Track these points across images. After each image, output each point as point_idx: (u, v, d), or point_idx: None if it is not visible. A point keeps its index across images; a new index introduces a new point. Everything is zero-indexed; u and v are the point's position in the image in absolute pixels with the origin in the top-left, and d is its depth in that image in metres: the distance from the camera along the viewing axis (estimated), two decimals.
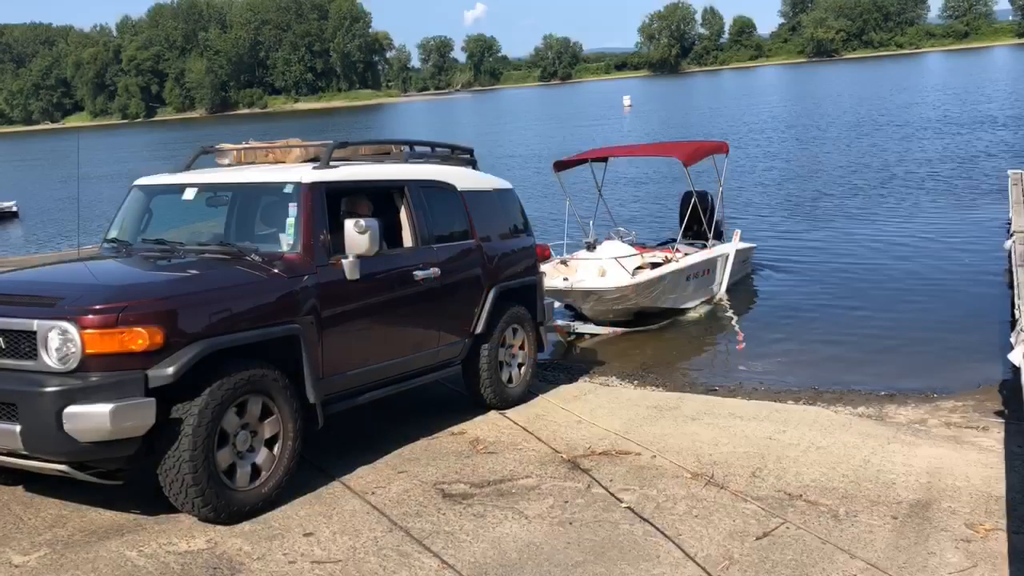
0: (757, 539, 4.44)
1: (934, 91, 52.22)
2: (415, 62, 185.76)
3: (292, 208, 5.46)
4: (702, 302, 11.35)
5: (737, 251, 11.98)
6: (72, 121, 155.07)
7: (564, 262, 10.69)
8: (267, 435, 4.97)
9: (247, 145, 6.48)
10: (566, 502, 4.97)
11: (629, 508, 4.85)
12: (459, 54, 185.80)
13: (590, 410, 6.78)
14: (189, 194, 5.92)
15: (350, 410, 5.77)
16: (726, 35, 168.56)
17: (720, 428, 6.22)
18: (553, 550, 4.41)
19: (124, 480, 4.76)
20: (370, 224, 5.39)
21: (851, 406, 7.09)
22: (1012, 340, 6.75)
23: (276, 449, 4.99)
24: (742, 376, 8.57)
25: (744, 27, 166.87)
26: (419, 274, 6.00)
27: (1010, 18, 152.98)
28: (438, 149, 7.14)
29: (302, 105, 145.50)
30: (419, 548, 4.45)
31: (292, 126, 75.75)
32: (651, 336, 10.41)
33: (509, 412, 6.70)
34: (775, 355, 9.28)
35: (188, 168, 6.49)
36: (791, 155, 27.24)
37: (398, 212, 6.25)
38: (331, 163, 5.87)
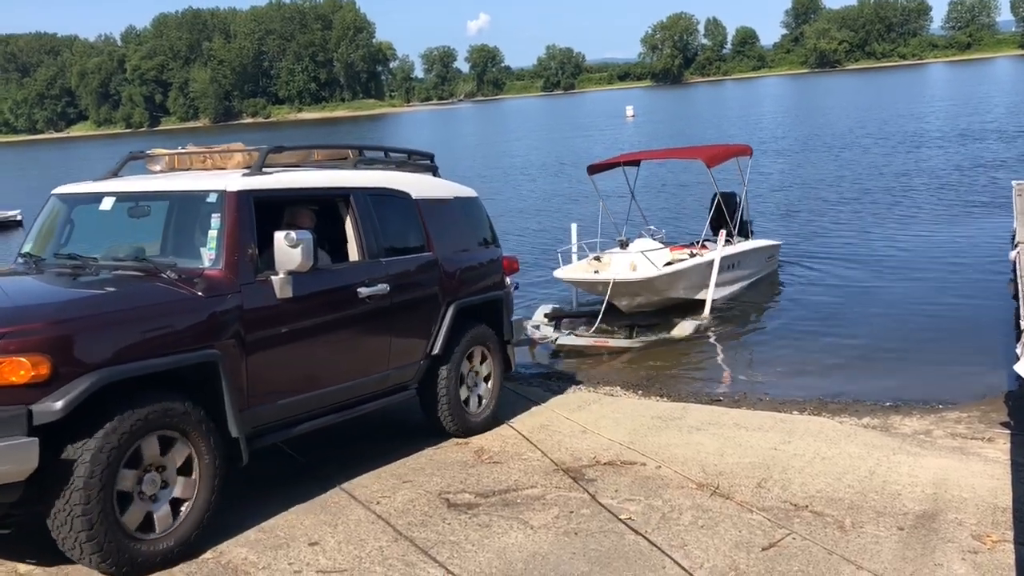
0: (763, 550, 4.43)
1: (935, 103, 52.27)
2: (418, 72, 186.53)
3: (215, 219, 4.94)
4: (729, 294, 12.03)
5: (757, 249, 12.74)
6: (76, 130, 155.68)
7: (597, 258, 11.63)
8: (178, 479, 4.43)
9: (182, 150, 5.95)
10: (571, 512, 4.96)
11: (628, 523, 4.84)
12: (462, 64, 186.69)
13: (594, 420, 6.77)
14: (107, 204, 5.38)
15: (354, 420, 5.76)
16: (729, 46, 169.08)
17: (725, 438, 6.21)
18: (559, 560, 4.40)
19: (12, 529, 4.31)
20: (302, 237, 4.86)
21: (856, 417, 7.09)
22: (1017, 351, 6.74)
23: (190, 493, 4.45)
24: (746, 386, 8.56)
25: (747, 38, 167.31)
26: (364, 291, 5.48)
27: (1013, 29, 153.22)
28: (392, 154, 6.72)
29: (306, 115, 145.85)
30: (424, 558, 4.45)
31: (294, 135, 75.98)
32: (654, 346, 10.39)
33: (514, 422, 6.69)
34: (779, 365, 9.27)
35: (116, 175, 5.87)
36: (792, 164, 27.28)
37: (343, 223, 5.74)
38: (265, 169, 5.36)
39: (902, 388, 8.05)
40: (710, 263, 11.49)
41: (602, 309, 10.94)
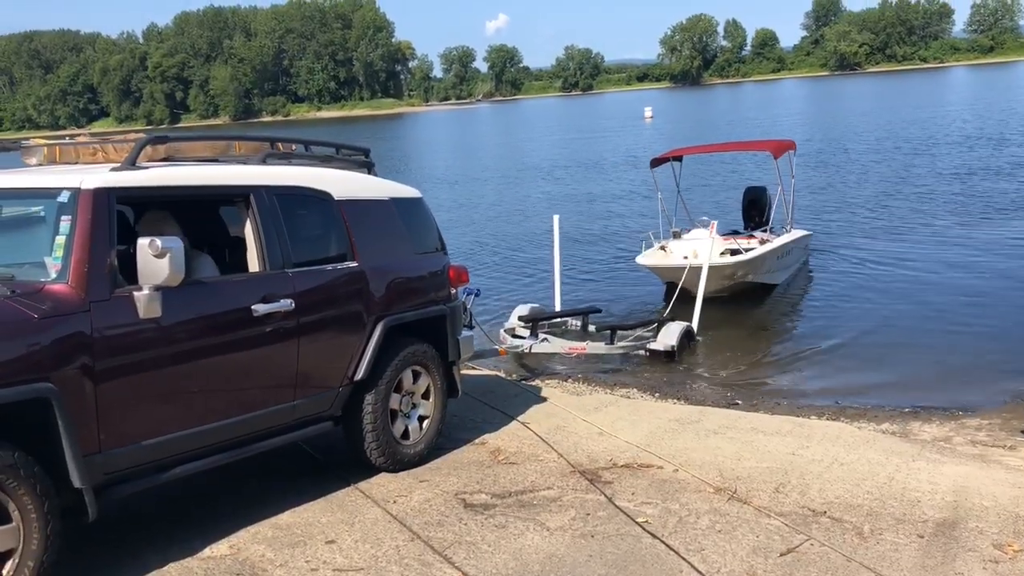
0: (781, 555, 4.41)
1: (960, 107, 51.82)
2: (437, 72, 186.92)
3: (64, 223, 4.08)
4: (788, 277, 12.82)
5: (800, 238, 13.18)
6: (98, 127, 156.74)
7: (663, 247, 12.14)
8: None
9: (67, 140, 5.10)
10: (588, 514, 4.95)
11: (645, 527, 4.83)
12: (481, 64, 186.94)
13: (611, 422, 6.75)
14: None
15: None
16: (748, 47, 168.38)
17: (742, 442, 6.18)
18: (575, 563, 4.39)
19: None
20: (170, 244, 4.03)
21: (875, 422, 7.04)
22: None
23: (13, 544, 3.63)
24: (764, 390, 8.52)
25: (767, 40, 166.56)
26: (261, 308, 4.66)
27: None
28: (316, 148, 5.86)
29: (325, 113, 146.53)
30: (440, 558, 4.45)
31: (312, 134, 76.16)
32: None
33: (530, 423, 6.68)
34: (796, 369, 9.22)
35: None
36: (813, 165, 27.12)
37: (243, 228, 4.98)
38: (143, 164, 4.57)
39: (922, 394, 7.98)
40: (788, 247, 12.21)
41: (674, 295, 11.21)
